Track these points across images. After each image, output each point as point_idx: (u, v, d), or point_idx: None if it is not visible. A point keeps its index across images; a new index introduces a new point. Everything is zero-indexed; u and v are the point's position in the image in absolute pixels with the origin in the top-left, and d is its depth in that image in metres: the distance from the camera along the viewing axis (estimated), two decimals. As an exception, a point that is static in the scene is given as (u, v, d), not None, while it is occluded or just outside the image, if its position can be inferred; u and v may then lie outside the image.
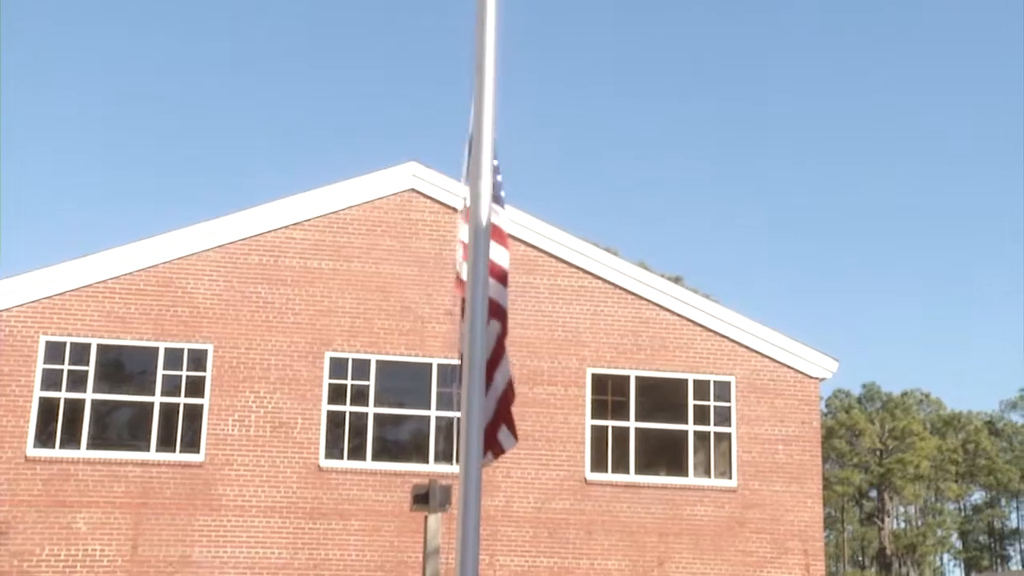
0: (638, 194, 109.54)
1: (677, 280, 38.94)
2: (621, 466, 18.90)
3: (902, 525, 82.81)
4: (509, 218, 6.67)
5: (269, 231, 18.48)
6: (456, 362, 6.42)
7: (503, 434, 6.38)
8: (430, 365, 18.47)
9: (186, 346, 17.92)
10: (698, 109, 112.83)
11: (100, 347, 17.73)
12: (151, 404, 17.72)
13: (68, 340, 17.61)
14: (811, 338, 20.97)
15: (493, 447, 6.22)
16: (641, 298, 19.45)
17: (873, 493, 79.32)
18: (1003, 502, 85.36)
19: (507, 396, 6.38)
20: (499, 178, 6.40)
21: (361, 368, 18.34)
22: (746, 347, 19.60)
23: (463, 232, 6.32)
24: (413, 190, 19.05)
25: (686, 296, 20.11)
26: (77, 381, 17.56)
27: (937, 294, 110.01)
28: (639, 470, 18.95)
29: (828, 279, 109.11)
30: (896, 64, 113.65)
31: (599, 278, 19.37)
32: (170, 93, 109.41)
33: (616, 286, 19.41)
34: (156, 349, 17.85)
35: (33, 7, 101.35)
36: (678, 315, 19.49)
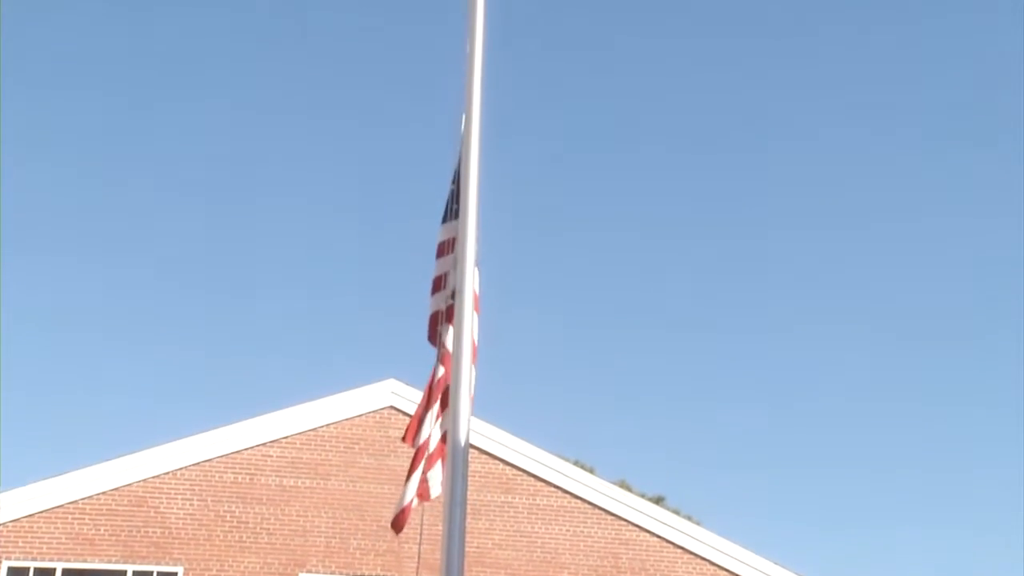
0: (617, 412, 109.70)
1: (658, 500, 38.43)
2: None
3: None
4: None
5: (245, 448, 18.30)
6: None
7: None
8: (406, 588, 18.00)
9: (156, 568, 17.43)
10: (672, 334, 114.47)
11: (65, 571, 17.20)
12: (115, 630, 17.08)
13: (32, 565, 17.09)
14: (794, 562, 20.64)
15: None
16: (621, 519, 19.18)
17: None
18: None
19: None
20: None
21: (335, 591, 17.83)
22: (729, 571, 19.23)
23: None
24: (392, 407, 19.03)
25: (667, 518, 19.83)
26: (39, 606, 16.95)
27: (919, 519, 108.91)
28: None
29: (812, 504, 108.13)
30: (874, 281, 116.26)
31: (579, 498, 19.15)
32: (151, 310, 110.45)
33: (596, 506, 19.17)
34: (124, 572, 17.36)
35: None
36: (659, 537, 19.18)
